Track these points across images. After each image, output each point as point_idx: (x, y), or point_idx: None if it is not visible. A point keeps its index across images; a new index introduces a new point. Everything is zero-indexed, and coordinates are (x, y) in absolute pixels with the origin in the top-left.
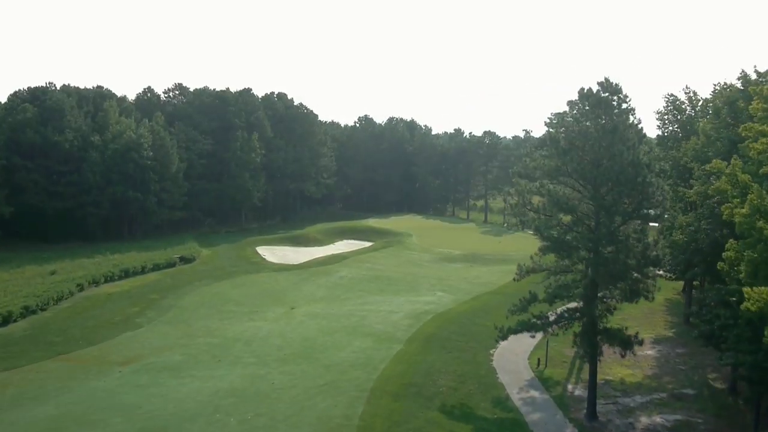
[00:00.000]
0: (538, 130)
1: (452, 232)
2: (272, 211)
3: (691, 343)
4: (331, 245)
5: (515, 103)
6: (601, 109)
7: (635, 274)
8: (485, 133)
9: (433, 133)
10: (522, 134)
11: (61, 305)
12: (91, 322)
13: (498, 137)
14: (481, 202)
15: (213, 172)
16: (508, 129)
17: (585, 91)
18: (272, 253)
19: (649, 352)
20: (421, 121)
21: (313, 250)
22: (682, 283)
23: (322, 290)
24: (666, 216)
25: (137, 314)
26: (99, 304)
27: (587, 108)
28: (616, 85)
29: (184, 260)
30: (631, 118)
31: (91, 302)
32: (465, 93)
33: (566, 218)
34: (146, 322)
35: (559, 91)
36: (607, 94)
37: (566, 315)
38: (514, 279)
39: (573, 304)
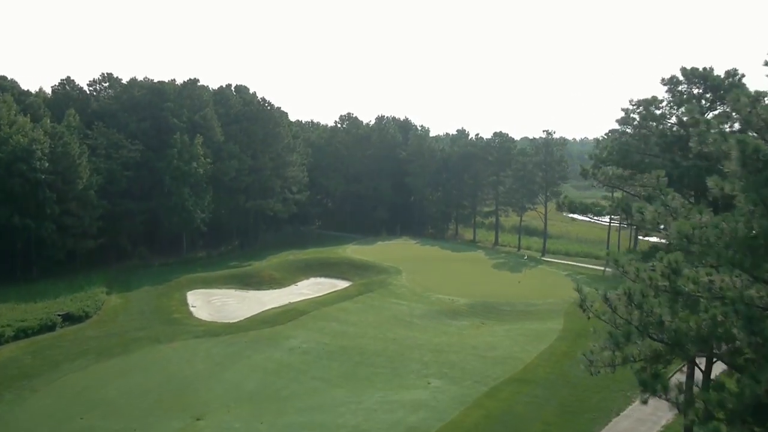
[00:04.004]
0: (561, 131)
1: (455, 266)
2: (228, 235)
3: None
4: (293, 287)
5: (528, 100)
6: None
7: None
8: (495, 134)
9: (432, 135)
10: (543, 135)
11: None
12: None
13: (511, 140)
14: (490, 220)
15: (142, 188)
16: (521, 130)
17: None
18: (207, 302)
19: None
20: (417, 121)
21: (266, 296)
22: None
23: (255, 377)
24: None
25: None
26: None
27: None
28: None
29: (71, 319)
30: None
31: None
32: (468, 87)
33: None
34: None
35: (577, 86)
36: None
37: None
38: None
39: None
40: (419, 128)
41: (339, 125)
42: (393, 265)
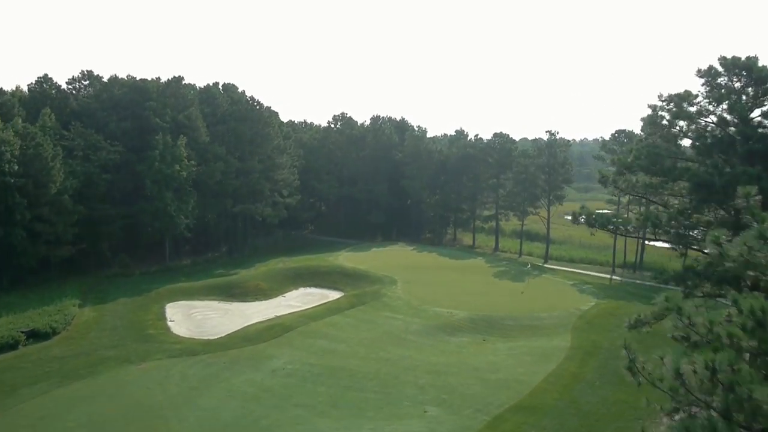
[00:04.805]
0: (560, 132)
1: (453, 275)
2: (214, 241)
3: None
4: (281, 298)
5: (527, 100)
6: None
7: None
8: (495, 135)
9: (429, 135)
10: (545, 136)
11: None
12: None
13: (512, 141)
14: (490, 224)
15: (122, 192)
16: (520, 130)
17: None
18: (187, 315)
19: None
20: (414, 121)
21: (251, 309)
22: None
23: (233, 404)
24: None
25: None
26: None
27: None
28: None
29: (36, 336)
30: None
31: None
32: (467, 87)
33: None
34: None
35: (577, 85)
36: None
37: None
38: None
39: None
40: (416, 129)
41: (332, 125)
42: (388, 274)
